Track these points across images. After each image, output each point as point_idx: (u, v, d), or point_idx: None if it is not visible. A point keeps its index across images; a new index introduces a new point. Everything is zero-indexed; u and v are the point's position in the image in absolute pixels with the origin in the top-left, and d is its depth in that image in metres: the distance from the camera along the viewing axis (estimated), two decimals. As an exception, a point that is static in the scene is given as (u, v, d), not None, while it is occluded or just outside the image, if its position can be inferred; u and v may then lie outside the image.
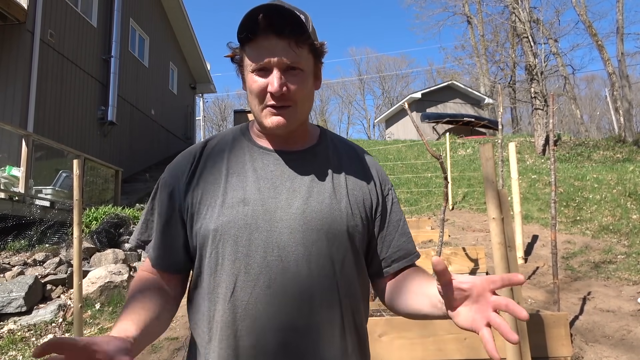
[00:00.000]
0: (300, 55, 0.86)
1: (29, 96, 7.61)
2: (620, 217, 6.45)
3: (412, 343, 2.89)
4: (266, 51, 0.85)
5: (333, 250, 0.87)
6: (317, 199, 0.89)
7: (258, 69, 0.86)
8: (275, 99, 0.86)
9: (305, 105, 0.92)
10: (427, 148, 4.31)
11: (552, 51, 17.84)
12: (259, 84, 0.87)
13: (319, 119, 42.22)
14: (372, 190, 0.98)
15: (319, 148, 0.98)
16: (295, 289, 0.83)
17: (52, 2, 8.28)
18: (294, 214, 0.87)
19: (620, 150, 12.75)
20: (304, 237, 0.85)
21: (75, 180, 3.16)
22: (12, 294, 4.11)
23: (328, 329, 0.85)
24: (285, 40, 0.84)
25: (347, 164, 0.98)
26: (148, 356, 3.43)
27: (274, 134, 0.94)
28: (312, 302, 0.84)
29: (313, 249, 0.85)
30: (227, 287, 0.84)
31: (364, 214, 0.94)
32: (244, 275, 0.83)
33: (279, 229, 0.85)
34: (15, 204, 5.80)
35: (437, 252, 4.18)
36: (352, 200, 0.93)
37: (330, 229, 0.87)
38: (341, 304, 0.87)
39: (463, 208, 7.80)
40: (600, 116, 37.98)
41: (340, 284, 0.87)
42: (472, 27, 26.13)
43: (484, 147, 2.39)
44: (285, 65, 0.85)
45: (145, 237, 0.96)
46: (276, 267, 0.83)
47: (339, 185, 0.93)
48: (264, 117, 0.89)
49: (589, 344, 3.29)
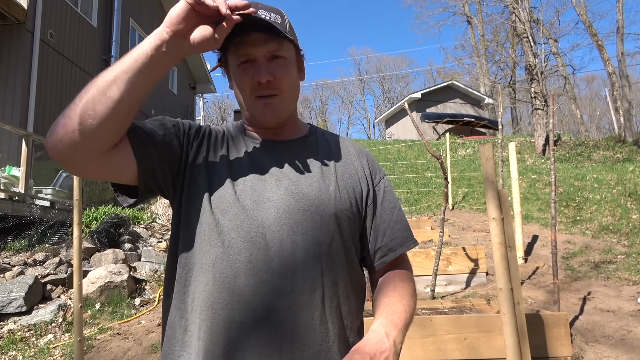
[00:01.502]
0: (282, 45, 0.90)
1: (29, 96, 7.61)
2: (620, 217, 6.45)
3: (412, 343, 2.89)
4: (249, 45, 0.88)
5: (319, 232, 0.87)
6: (306, 182, 0.91)
7: (243, 61, 0.90)
8: (263, 88, 0.90)
9: (291, 93, 0.95)
10: (427, 148, 4.31)
11: (552, 51, 17.85)
12: (246, 76, 0.90)
13: (319, 119, 42.22)
14: (362, 178, 0.99)
15: (309, 139, 1.02)
16: (276, 267, 0.83)
17: (52, 2, 8.28)
18: (282, 194, 0.88)
19: (620, 150, 12.74)
20: (289, 217, 0.86)
21: (75, 180, 3.16)
22: (12, 294, 4.11)
23: (307, 312, 0.84)
24: (265, 33, 0.88)
25: (337, 154, 1.00)
26: (148, 356, 3.43)
27: (265, 126, 0.97)
28: (294, 282, 0.83)
29: (298, 229, 0.86)
30: (209, 258, 0.85)
31: (354, 201, 0.95)
32: (227, 249, 0.84)
33: (266, 208, 0.87)
34: (15, 204, 5.80)
35: (437, 252, 4.18)
36: (341, 185, 0.94)
37: (317, 210, 0.88)
38: (324, 288, 0.86)
39: (463, 208, 7.80)
40: (600, 116, 37.98)
41: (325, 267, 0.87)
42: (472, 27, 26.13)
43: (484, 147, 2.39)
44: (270, 54, 0.89)
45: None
46: (259, 244, 0.84)
47: (328, 171, 0.95)
48: (254, 109, 0.93)
49: (589, 344, 3.29)
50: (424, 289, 4.29)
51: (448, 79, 25.67)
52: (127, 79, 0.75)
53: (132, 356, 3.46)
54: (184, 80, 16.42)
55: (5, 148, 6.98)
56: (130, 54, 0.77)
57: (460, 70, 27.16)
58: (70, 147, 0.77)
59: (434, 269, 4.14)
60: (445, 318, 3.01)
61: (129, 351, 3.52)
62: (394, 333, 0.83)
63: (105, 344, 3.68)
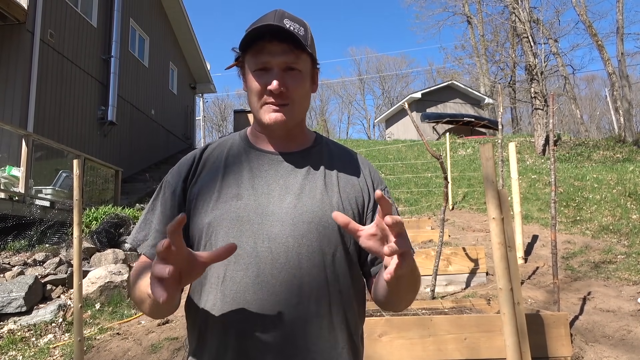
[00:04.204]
0: (299, 57, 0.92)
1: (29, 96, 7.60)
2: (620, 217, 6.45)
3: (412, 343, 2.89)
4: (268, 53, 0.90)
5: (323, 243, 0.89)
6: (309, 194, 0.92)
7: (259, 68, 0.91)
8: (274, 96, 0.91)
9: (302, 104, 0.96)
10: (427, 148, 4.31)
11: (552, 51, 17.83)
12: (260, 82, 0.91)
13: (319, 119, 42.18)
14: (364, 188, 1.00)
15: (314, 150, 1.03)
16: (283, 280, 0.85)
17: (52, 2, 8.28)
18: (286, 207, 0.90)
19: (620, 150, 12.74)
20: (294, 230, 0.87)
21: (75, 180, 3.16)
22: (12, 294, 4.11)
23: (316, 322, 0.86)
24: (285, 44, 0.90)
25: (340, 165, 1.01)
26: (148, 356, 3.43)
27: (272, 133, 0.98)
28: (301, 293, 0.85)
29: (303, 241, 0.87)
30: (218, 277, 0.87)
31: (355, 211, 0.96)
32: (234, 265, 0.86)
33: (270, 221, 0.88)
34: (15, 204, 5.80)
35: (437, 252, 4.18)
36: (344, 196, 0.96)
37: (321, 222, 0.89)
38: (330, 297, 0.88)
39: (463, 208, 7.80)
40: (600, 116, 37.97)
41: (330, 277, 0.88)
42: (472, 27, 26.14)
43: (484, 147, 2.39)
44: (285, 65, 0.91)
45: (142, 236, 0.97)
46: (265, 258, 0.85)
47: (331, 182, 0.97)
48: (263, 114, 0.94)
49: (589, 344, 3.29)
50: (424, 289, 4.29)
51: (448, 79, 25.67)
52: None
53: (132, 356, 3.46)
54: (184, 80, 16.42)
55: (5, 148, 6.98)
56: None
57: (460, 70, 27.20)
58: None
59: (434, 269, 4.14)
60: (445, 318, 3.01)
61: (129, 351, 3.52)
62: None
63: (105, 344, 3.68)
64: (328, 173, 0.98)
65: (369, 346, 2.81)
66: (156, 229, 0.95)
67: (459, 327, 2.93)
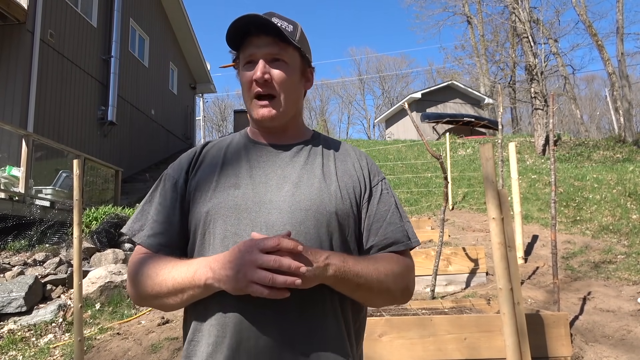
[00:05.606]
0: (285, 50, 0.95)
1: (29, 96, 7.60)
2: (620, 217, 6.45)
3: (412, 343, 2.89)
4: (254, 46, 0.94)
5: (321, 230, 0.89)
6: (307, 183, 0.94)
7: (247, 62, 0.96)
8: (260, 85, 0.94)
9: (290, 96, 0.98)
10: (427, 148, 4.31)
11: (552, 51, 17.83)
12: (247, 75, 0.95)
13: (319, 119, 42.23)
14: (360, 179, 1.01)
15: (312, 143, 1.05)
16: None
17: (52, 2, 8.28)
18: (284, 196, 0.91)
19: (620, 150, 12.74)
20: (292, 217, 0.88)
21: (75, 180, 3.16)
22: (12, 294, 4.11)
23: (310, 307, 0.86)
24: (270, 37, 0.93)
25: (337, 156, 1.03)
26: (148, 356, 3.43)
27: (266, 128, 1.01)
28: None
29: (301, 228, 0.88)
30: None
31: (353, 201, 0.97)
32: None
33: (268, 209, 0.89)
34: (15, 204, 5.80)
35: (437, 252, 4.18)
36: (342, 185, 0.97)
37: (318, 209, 0.90)
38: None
39: (463, 208, 7.80)
40: (600, 116, 37.97)
41: None
42: (472, 27, 26.13)
43: (484, 147, 2.39)
44: (270, 57, 0.94)
45: (138, 226, 0.97)
46: None
47: (329, 172, 0.98)
48: (253, 109, 0.97)
49: (589, 344, 3.29)
50: (424, 289, 4.29)
51: (448, 79, 25.67)
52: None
53: (132, 356, 3.46)
54: (184, 80, 16.42)
55: (5, 148, 6.98)
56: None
57: (460, 70, 27.21)
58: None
59: (434, 269, 4.14)
60: (445, 318, 3.01)
61: (129, 351, 3.52)
62: (336, 258, 0.84)
63: (105, 344, 3.68)
64: (326, 163, 1.00)
65: (369, 346, 2.81)
66: (153, 219, 0.95)
67: (459, 327, 2.93)
